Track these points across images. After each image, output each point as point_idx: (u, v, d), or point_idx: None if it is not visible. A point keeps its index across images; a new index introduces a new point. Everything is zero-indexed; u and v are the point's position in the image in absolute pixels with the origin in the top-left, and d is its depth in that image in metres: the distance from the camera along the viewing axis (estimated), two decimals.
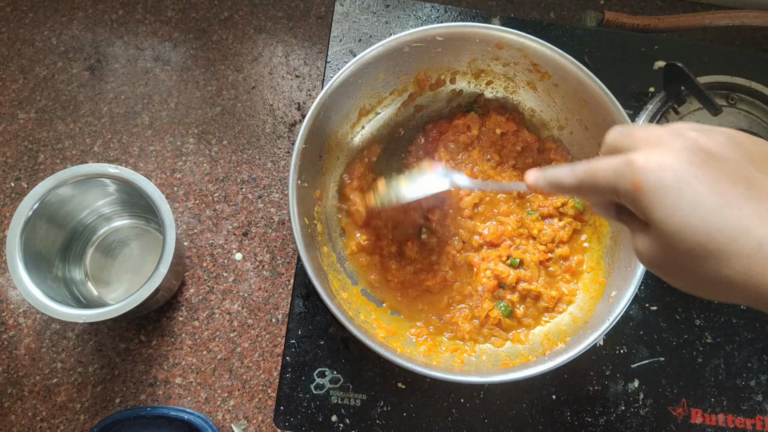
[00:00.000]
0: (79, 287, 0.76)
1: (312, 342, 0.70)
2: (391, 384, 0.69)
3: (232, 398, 0.77)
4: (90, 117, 0.85)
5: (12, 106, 0.85)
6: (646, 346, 0.73)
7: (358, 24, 0.79)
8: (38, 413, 0.75)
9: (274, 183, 0.85)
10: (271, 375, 0.78)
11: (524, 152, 0.74)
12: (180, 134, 0.86)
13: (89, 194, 0.72)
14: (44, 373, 0.76)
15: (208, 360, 0.78)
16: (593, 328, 0.60)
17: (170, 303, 0.79)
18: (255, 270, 0.81)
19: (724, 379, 0.73)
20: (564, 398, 0.70)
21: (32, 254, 0.66)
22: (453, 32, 0.66)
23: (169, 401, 0.76)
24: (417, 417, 0.68)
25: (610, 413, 0.70)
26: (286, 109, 0.88)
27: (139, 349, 0.77)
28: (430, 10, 0.81)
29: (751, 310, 0.75)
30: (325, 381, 0.69)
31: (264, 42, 0.91)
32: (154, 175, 0.84)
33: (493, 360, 0.65)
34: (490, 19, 0.80)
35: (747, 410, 0.72)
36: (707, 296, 0.39)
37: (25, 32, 0.88)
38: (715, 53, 0.82)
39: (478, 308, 0.68)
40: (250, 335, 0.79)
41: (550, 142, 0.74)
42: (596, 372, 0.71)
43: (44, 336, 0.77)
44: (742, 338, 0.74)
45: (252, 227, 0.83)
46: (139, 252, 0.80)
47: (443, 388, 0.69)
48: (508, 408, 0.69)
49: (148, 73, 0.88)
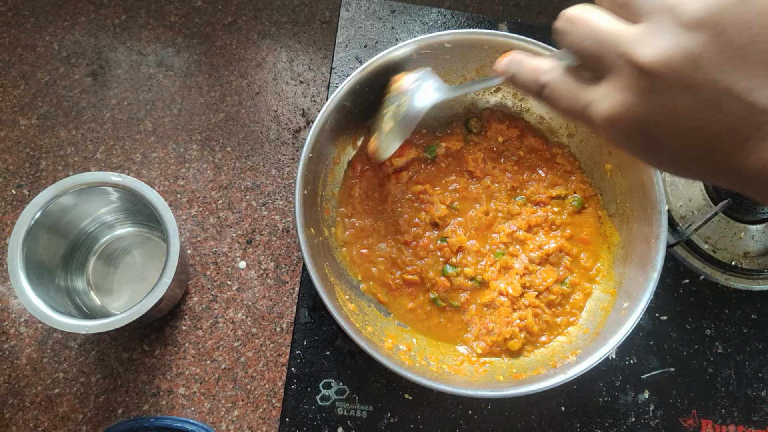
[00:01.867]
0: (82, 296, 0.75)
1: (317, 353, 0.69)
2: (398, 395, 0.68)
3: (236, 408, 0.76)
4: (92, 123, 0.84)
5: (13, 113, 0.84)
6: (657, 357, 0.72)
7: (363, 29, 0.78)
8: (40, 424, 0.74)
9: (278, 190, 0.84)
10: (276, 385, 0.77)
11: (529, 157, 0.73)
12: (183, 141, 0.85)
13: (92, 203, 0.71)
14: (46, 384, 0.75)
15: (212, 370, 0.77)
16: (605, 340, 0.59)
17: (173, 312, 0.78)
18: (259, 278, 0.80)
19: (735, 390, 0.72)
20: (573, 410, 0.69)
21: (34, 264, 0.65)
22: (462, 39, 0.65)
23: (172, 412, 0.75)
24: (424, 429, 0.67)
25: (620, 425, 0.69)
26: (290, 115, 0.87)
27: (142, 358, 0.76)
28: (436, 16, 0.80)
29: (762, 320, 0.74)
30: (331, 392, 0.68)
31: (268, 47, 0.90)
32: (157, 182, 0.83)
33: (503, 373, 0.64)
34: (497, 24, 0.79)
35: (758, 421, 0.71)
36: (683, 172, 0.35)
37: (27, 37, 0.87)
38: None
39: (493, 333, 0.67)
40: (254, 344, 0.78)
41: (557, 148, 0.73)
42: (606, 383, 0.70)
43: (46, 346, 0.76)
44: (753, 348, 0.73)
45: (256, 235, 0.82)
46: (142, 260, 0.79)
47: (451, 400, 0.68)
48: (516, 420, 0.68)
49: (151, 79, 0.87)
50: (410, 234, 0.69)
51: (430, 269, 0.68)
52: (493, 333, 0.65)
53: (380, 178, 0.71)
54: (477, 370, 0.65)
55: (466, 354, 0.66)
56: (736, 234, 0.74)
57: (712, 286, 0.74)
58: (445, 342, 0.67)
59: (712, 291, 0.74)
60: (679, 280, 0.74)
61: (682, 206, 0.75)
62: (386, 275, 0.68)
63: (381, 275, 0.68)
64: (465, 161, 0.72)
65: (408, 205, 0.70)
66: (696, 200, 0.75)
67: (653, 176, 0.62)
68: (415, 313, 0.68)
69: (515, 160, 0.73)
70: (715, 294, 0.74)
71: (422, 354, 0.65)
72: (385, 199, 0.70)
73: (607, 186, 0.70)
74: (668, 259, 0.74)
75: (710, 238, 0.74)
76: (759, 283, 0.74)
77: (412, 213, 0.70)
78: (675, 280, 0.74)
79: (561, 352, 0.64)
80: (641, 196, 0.64)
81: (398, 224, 0.69)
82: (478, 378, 0.63)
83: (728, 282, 0.74)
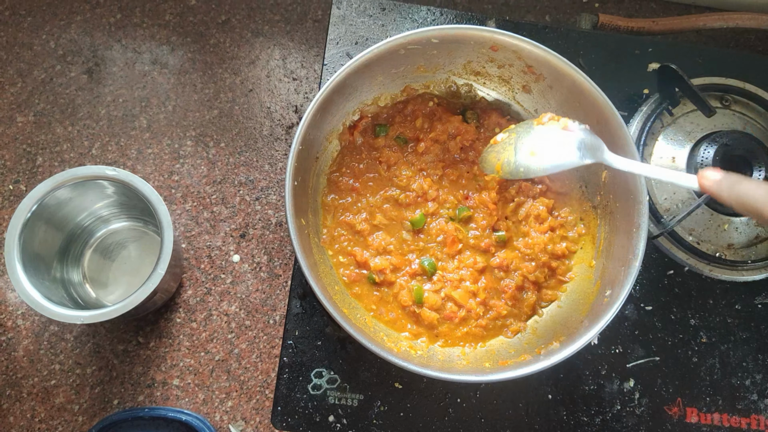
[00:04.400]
0: (77, 289, 0.76)
1: (309, 342, 0.70)
2: (388, 384, 0.69)
3: (229, 399, 0.77)
4: (88, 120, 0.86)
5: (10, 110, 0.85)
6: (642, 346, 0.73)
7: (354, 27, 0.80)
8: (37, 415, 0.75)
9: (271, 185, 0.85)
10: (269, 376, 0.78)
11: None
12: (178, 137, 0.86)
13: (87, 196, 0.72)
14: (43, 375, 0.76)
15: (206, 361, 0.78)
16: (588, 327, 0.60)
17: (168, 305, 0.79)
18: (252, 272, 0.82)
19: (720, 379, 0.73)
20: (560, 398, 0.71)
21: (31, 256, 0.66)
22: (447, 34, 0.67)
23: (167, 402, 0.77)
24: (414, 417, 0.69)
25: (606, 413, 0.71)
26: (283, 111, 0.88)
27: (137, 350, 0.78)
28: (426, 13, 0.81)
29: (746, 310, 0.75)
30: (322, 381, 0.69)
31: (261, 45, 0.91)
32: (152, 178, 0.84)
33: (489, 359, 0.66)
34: (486, 22, 0.80)
35: (742, 409, 0.73)
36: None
37: (24, 36, 0.89)
38: (709, 55, 0.83)
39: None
40: (247, 336, 0.79)
41: None
42: (592, 372, 0.72)
43: (42, 338, 0.77)
44: (737, 338, 0.74)
45: (249, 229, 0.83)
46: (137, 254, 0.80)
47: (440, 388, 0.70)
48: (504, 408, 0.70)
49: (145, 77, 0.88)
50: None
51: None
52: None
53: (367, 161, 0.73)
54: (464, 354, 0.66)
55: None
56: (720, 226, 0.76)
57: (696, 277, 0.76)
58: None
59: (697, 282, 0.76)
60: (663, 272, 0.76)
61: (666, 199, 0.76)
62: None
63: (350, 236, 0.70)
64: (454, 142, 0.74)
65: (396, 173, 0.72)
66: (680, 193, 0.76)
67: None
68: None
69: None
70: (700, 285, 0.76)
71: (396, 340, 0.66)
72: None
73: (591, 178, 0.71)
74: (653, 251, 0.76)
75: (694, 230, 0.76)
76: (743, 274, 0.75)
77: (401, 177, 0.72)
78: (660, 271, 0.76)
79: (545, 338, 0.65)
80: (623, 188, 0.65)
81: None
82: (465, 364, 0.65)
83: (712, 273, 0.75)
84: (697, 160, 0.75)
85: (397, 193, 0.71)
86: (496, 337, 0.68)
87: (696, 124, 0.79)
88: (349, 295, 0.68)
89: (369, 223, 0.70)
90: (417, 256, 0.70)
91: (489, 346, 0.68)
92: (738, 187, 0.43)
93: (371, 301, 0.68)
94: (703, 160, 0.75)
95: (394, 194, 0.71)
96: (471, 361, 0.66)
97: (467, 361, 0.66)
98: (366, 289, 0.68)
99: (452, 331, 0.67)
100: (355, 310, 0.67)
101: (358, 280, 0.68)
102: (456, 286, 0.68)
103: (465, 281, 0.68)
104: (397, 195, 0.71)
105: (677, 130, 0.78)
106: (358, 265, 0.69)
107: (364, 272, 0.69)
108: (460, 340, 0.67)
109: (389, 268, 0.68)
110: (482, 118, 0.75)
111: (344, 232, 0.70)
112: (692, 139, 0.78)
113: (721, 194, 0.44)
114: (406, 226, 0.70)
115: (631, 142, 0.64)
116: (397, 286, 0.68)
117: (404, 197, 0.71)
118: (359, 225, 0.69)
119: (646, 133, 0.76)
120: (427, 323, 0.67)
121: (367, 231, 0.70)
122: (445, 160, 0.73)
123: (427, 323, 0.67)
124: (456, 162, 0.73)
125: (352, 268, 0.69)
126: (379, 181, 0.72)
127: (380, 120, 0.74)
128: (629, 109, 0.80)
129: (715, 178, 0.45)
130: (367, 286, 0.68)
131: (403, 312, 0.68)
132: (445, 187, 0.72)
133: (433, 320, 0.67)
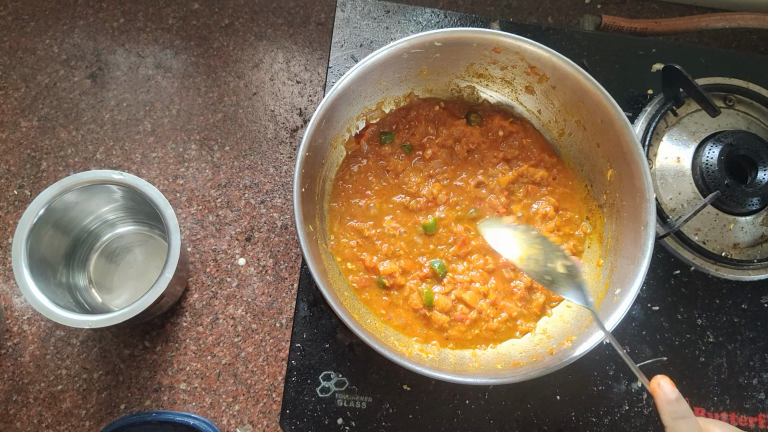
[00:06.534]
0: (83, 294, 0.76)
1: (317, 345, 0.70)
2: (397, 386, 0.69)
3: (236, 403, 0.77)
4: (92, 124, 0.86)
5: (14, 115, 0.85)
6: (649, 346, 0.73)
7: (359, 29, 0.80)
8: (44, 420, 0.75)
9: (276, 188, 0.85)
10: (276, 379, 0.78)
11: (525, 151, 0.75)
12: (182, 141, 0.86)
13: (93, 200, 0.72)
14: (49, 380, 0.76)
15: (213, 365, 0.78)
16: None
17: (174, 309, 0.79)
18: (258, 275, 0.82)
19: (727, 378, 0.73)
20: (568, 399, 0.71)
21: (37, 260, 0.66)
22: (450, 37, 0.67)
23: (173, 407, 0.76)
24: (423, 419, 0.69)
25: (614, 413, 0.71)
26: (287, 114, 0.88)
27: (143, 355, 0.78)
28: (430, 16, 0.81)
29: (753, 309, 0.75)
30: (330, 384, 0.69)
31: (265, 48, 0.91)
32: (157, 182, 0.84)
33: (500, 361, 0.66)
34: (489, 24, 0.81)
35: (750, 409, 0.73)
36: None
37: (27, 41, 0.89)
38: (712, 55, 0.83)
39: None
40: (254, 340, 0.79)
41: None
42: (600, 372, 0.72)
43: (49, 343, 0.77)
44: (744, 337, 0.75)
45: (255, 232, 0.83)
46: (143, 258, 0.80)
47: (449, 390, 0.70)
48: (513, 409, 0.70)
49: (149, 81, 0.88)
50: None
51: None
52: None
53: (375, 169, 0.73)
54: (475, 356, 0.66)
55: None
56: (726, 226, 0.76)
57: (702, 277, 0.76)
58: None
59: (703, 282, 0.76)
60: (670, 272, 0.76)
61: (672, 199, 0.77)
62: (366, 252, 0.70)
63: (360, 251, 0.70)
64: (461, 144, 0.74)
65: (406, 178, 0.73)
66: (686, 193, 0.77)
67: (641, 166, 0.64)
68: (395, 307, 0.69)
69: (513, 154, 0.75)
70: (706, 284, 0.76)
71: (407, 344, 0.66)
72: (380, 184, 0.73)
73: (597, 177, 0.72)
74: (659, 251, 0.76)
75: (700, 230, 0.76)
76: (749, 274, 0.75)
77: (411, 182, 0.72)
78: (666, 271, 0.76)
79: (555, 338, 0.65)
80: (630, 185, 0.65)
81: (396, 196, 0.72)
82: (476, 366, 0.65)
83: (718, 273, 0.75)
84: (702, 159, 0.75)
85: (407, 200, 0.71)
86: (507, 339, 0.68)
87: (700, 124, 0.79)
88: (359, 300, 0.68)
89: (378, 229, 0.70)
90: (427, 259, 0.70)
91: (499, 347, 0.68)
92: (679, 424, 0.46)
93: (381, 306, 0.68)
94: (708, 159, 0.75)
95: (404, 201, 0.71)
96: (483, 363, 0.66)
97: (479, 364, 0.66)
98: (375, 294, 0.68)
99: (463, 334, 0.67)
100: (366, 316, 0.67)
101: (368, 285, 0.68)
102: (466, 288, 0.68)
103: (475, 282, 0.68)
104: (407, 201, 0.71)
105: (682, 130, 0.79)
106: (367, 270, 0.69)
107: (373, 277, 0.69)
108: (471, 343, 0.67)
109: (398, 271, 0.68)
110: (486, 121, 0.75)
111: (352, 238, 0.70)
112: (697, 139, 0.78)
113: (662, 415, 0.47)
114: (418, 230, 0.71)
115: (637, 142, 0.64)
116: (407, 289, 0.68)
117: (414, 203, 0.71)
118: (368, 231, 0.69)
119: (651, 134, 0.77)
120: (438, 326, 0.67)
121: (376, 236, 0.70)
122: (452, 164, 0.73)
123: (438, 326, 0.67)
124: (464, 164, 0.74)
125: (361, 274, 0.69)
126: (387, 188, 0.72)
127: (385, 127, 0.74)
128: (633, 110, 0.80)
129: (670, 397, 0.47)
130: (376, 290, 0.68)
131: (413, 315, 0.68)
132: (454, 190, 0.73)
133: (443, 323, 0.67)
